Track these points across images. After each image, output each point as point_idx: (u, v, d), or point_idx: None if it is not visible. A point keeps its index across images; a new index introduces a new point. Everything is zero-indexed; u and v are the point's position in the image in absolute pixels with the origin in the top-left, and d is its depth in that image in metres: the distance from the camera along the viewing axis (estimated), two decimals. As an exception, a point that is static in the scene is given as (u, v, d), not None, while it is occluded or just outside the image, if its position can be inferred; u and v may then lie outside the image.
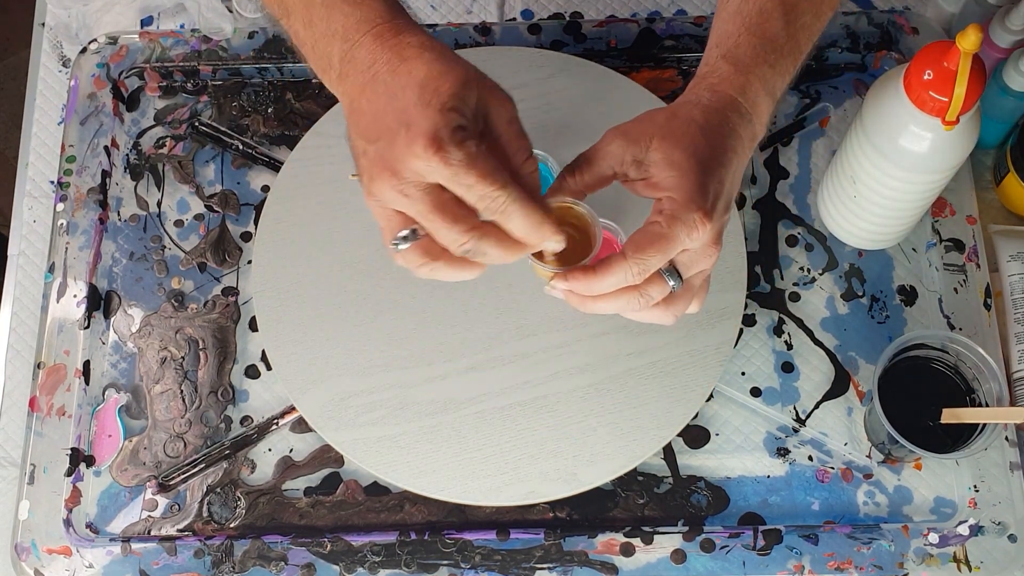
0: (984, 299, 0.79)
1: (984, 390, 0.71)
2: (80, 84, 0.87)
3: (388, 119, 0.54)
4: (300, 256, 0.80)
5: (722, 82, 0.61)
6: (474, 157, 0.53)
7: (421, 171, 0.53)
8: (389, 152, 0.54)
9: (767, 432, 0.77)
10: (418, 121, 0.53)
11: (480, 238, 0.55)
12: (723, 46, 0.63)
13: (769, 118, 0.63)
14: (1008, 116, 0.80)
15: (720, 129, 0.60)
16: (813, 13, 0.65)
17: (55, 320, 0.80)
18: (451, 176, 0.53)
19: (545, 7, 0.91)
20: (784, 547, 0.73)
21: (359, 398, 0.76)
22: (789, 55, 0.63)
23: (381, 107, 0.55)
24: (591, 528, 0.74)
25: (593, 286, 0.59)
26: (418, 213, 0.55)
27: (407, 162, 0.53)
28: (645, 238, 0.57)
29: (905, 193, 0.73)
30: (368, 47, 0.56)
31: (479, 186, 0.53)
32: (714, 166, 0.59)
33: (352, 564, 0.74)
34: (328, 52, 0.58)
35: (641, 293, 0.59)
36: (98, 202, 0.84)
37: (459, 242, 0.55)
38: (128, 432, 0.78)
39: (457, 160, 0.53)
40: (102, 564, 0.74)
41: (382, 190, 0.55)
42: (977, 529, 0.73)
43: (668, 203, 0.58)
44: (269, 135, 0.86)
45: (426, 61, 0.54)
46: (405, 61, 0.55)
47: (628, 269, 0.57)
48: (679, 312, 0.62)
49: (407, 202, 0.54)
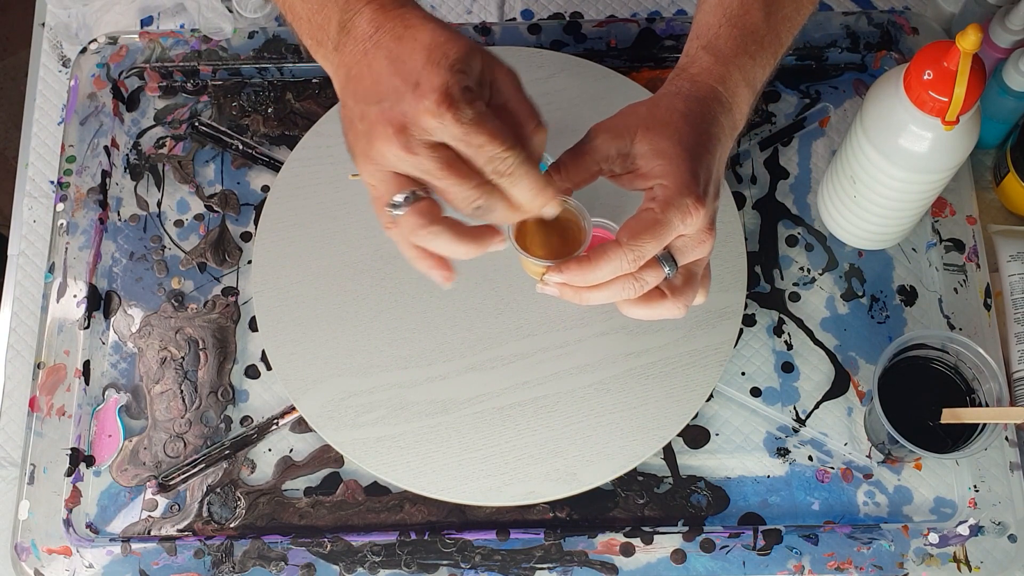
0: (984, 299, 0.79)
1: (984, 390, 0.71)
2: (80, 84, 0.87)
3: (394, 80, 0.53)
4: (300, 256, 0.80)
5: (702, 72, 0.62)
6: (485, 116, 0.52)
7: (431, 128, 0.52)
8: (395, 109, 0.52)
9: (767, 432, 0.77)
10: (429, 79, 0.52)
11: (490, 194, 0.54)
12: (703, 37, 0.63)
13: (749, 109, 0.64)
14: (1008, 116, 0.80)
15: (702, 117, 0.60)
16: (794, 6, 0.65)
17: (55, 320, 0.81)
18: (462, 135, 0.52)
19: (545, 7, 0.91)
20: (784, 547, 0.73)
21: (359, 398, 0.76)
22: (769, 47, 0.64)
23: (385, 71, 0.53)
24: (591, 528, 0.74)
25: (588, 275, 0.58)
26: (426, 171, 0.53)
27: (416, 118, 0.52)
28: (639, 224, 0.57)
29: (905, 193, 0.73)
30: (368, 16, 0.55)
31: (489, 146, 0.52)
32: (701, 152, 0.59)
33: (352, 564, 0.74)
34: (326, 23, 0.57)
35: (636, 279, 0.59)
36: (98, 202, 0.84)
37: (471, 198, 0.54)
38: (128, 432, 0.78)
39: (469, 118, 0.52)
40: (102, 564, 0.74)
41: (384, 150, 0.53)
42: (977, 529, 0.73)
43: (660, 190, 0.58)
44: (269, 135, 0.86)
45: (430, 29, 0.53)
46: (409, 28, 0.54)
47: (623, 256, 0.57)
48: (686, 302, 0.61)
49: (412, 160, 0.53)
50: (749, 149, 0.85)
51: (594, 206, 0.67)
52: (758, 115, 0.86)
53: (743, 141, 0.85)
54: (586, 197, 0.65)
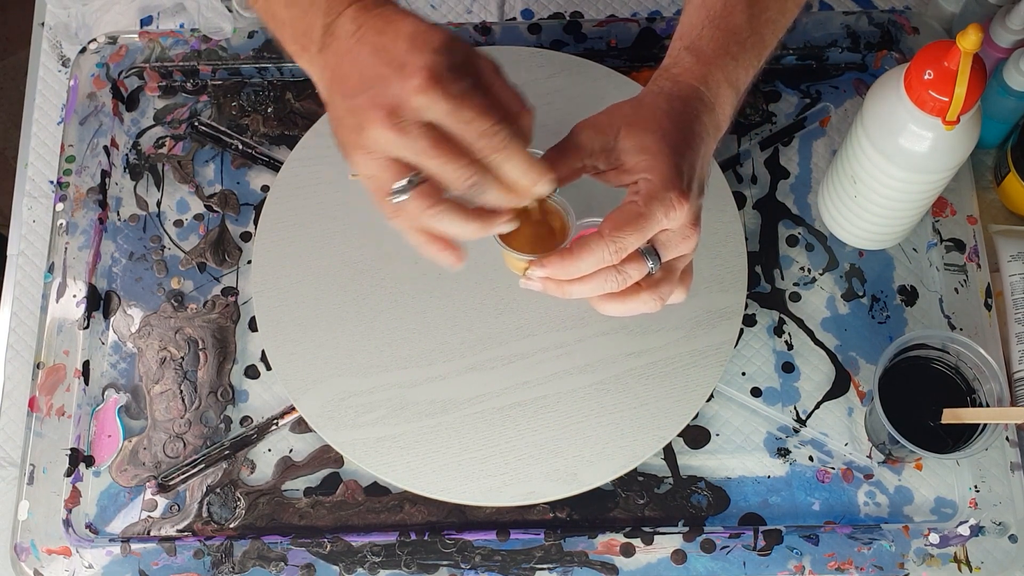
0: (985, 299, 0.79)
1: (985, 390, 0.71)
2: (80, 84, 0.87)
3: (380, 68, 0.54)
4: (300, 256, 0.80)
5: (684, 72, 0.62)
6: (472, 92, 0.53)
7: (420, 106, 0.52)
8: (383, 93, 0.53)
9: (767, 432, 0.77)
10: (414, 60, 0.52)
11: (484, 173, 0.54)
12: (686, 38, 0.64)
13: (733, 110, 0.64)
14: (1009, 116, 0.80)
15: (685, 115, 0.60)
16: (778, 8, 0.65)
17: (55, 320, 0.80)
18: (451, 110, 0.52)
19: (545, 7, 0.90)
20: (784, 547, 0.73)
21: (359, 398, 0.76)
22: (752, 48, 0.64)
23: (370, 62, 0.54)
24: (591, 528, 0.74)
25: (570, 268, 0.58)
26: (419, 151, 0.53)
27: (405, 98, 0.52)
28: (622, 217, 0.57)
29: (905, 193, 0.73)
30: (351, 16, 0.56)
31: (479, 120, 0.53)
32: (684, 148, 0.59)
33: (352, 564, 0.73)
34: (309, 27, 0.57)
35: (619, 271, 0.59)
36: (98, 202, 0.84)
37: (464, 176, 0.54)
38: (128, 432, 0.78)
39: (457, 92, 0.52)
40: (102, 564, 0.74)
41: (377, 135, 0.53)
42: (978, 529, 0.73)
43: (644, 184, 0.58)
44: (269, 135, 0.86)
45: (411, 21, 0.55)
46: (391, 23, 0.55)
47: (605, 248, 0.57)
48: (663, 296, 0.61)
49: (405, 141, 0.53)
50: (749, 149, 0.85)
51: (590, 205, 0.67)
52: (758, 115, 0.86)
53: (743, 141, 0.85)
54: (581, 196, 0.65)
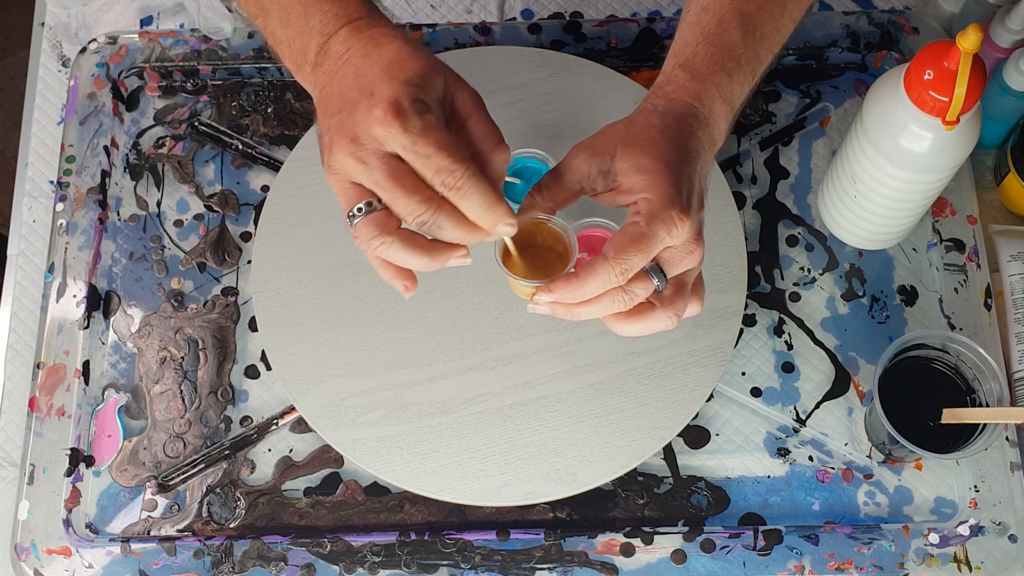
0: (984, 299, 0.79)
1: (984, 390, 0.71)
2: (80, 84, 0.87)
3: (353, 93, 0.55)
4: (300, 256, 0.80)
5: (678, 90, 0.62)
6: (433, 128, 0.53)
7: (380, 137, 0.53)
8: (350, 119, 0.54)
9: (767, 432, 0.77)
10: (380, 89, 0.54)
11: (437, 210, 0.55)
12: (680, 55, 0.64)
13: (728, 126, 0.64)
14: (1008, 116, 0.80)
15: (680, 132, 0.61)
16: (773, 25, 0.65)
17: (55, 320, 0.80)
18: (409, 144, 0.53)
19: (545, 7, 0.90)
20: (784, 547, 0.73)
21: (359, 398, 0.76)
22: (747, 65, 0.64)
23: (349, 85, 0.56)
24: (591, 528, 0.74)
25: (577, 291, 0.59)
26: (375, 182, 0.55)
27: (367, 127, 0.53)
28: (625, 238, 0.58)
29: (905, 193, 0.73)
30: (343, 38, 0.57)
31: (436, 157, 0.53)
32: (681, 165, 0.59)
33: (352, 564, 0.73)
34: (305, 47, 0.59)
35: (626, 291, 0.59)
36: (98, 202, 0.84)
37: (416, 213, 0.54)
38: (128, 432, 0.78)
39: (416, 128, 0.53)
40: (102, 564, 0.74)
41: (340, 159, 0.55)
42: (977, 529, 0.73)
43: (644, 204, 0.58)
44: (269, 135, 0.86)
45: (396, 47, 0.56)
46: (378, 46, 0.56)
47: (611, 270, 0.57)
48: (678, 312, 0.62)
49: (364, 170, 0.54)
50: (749, 149, 0.85)
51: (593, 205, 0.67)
52: (758, 115, 0.86)
53: (743, 141, 0.85)
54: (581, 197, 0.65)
